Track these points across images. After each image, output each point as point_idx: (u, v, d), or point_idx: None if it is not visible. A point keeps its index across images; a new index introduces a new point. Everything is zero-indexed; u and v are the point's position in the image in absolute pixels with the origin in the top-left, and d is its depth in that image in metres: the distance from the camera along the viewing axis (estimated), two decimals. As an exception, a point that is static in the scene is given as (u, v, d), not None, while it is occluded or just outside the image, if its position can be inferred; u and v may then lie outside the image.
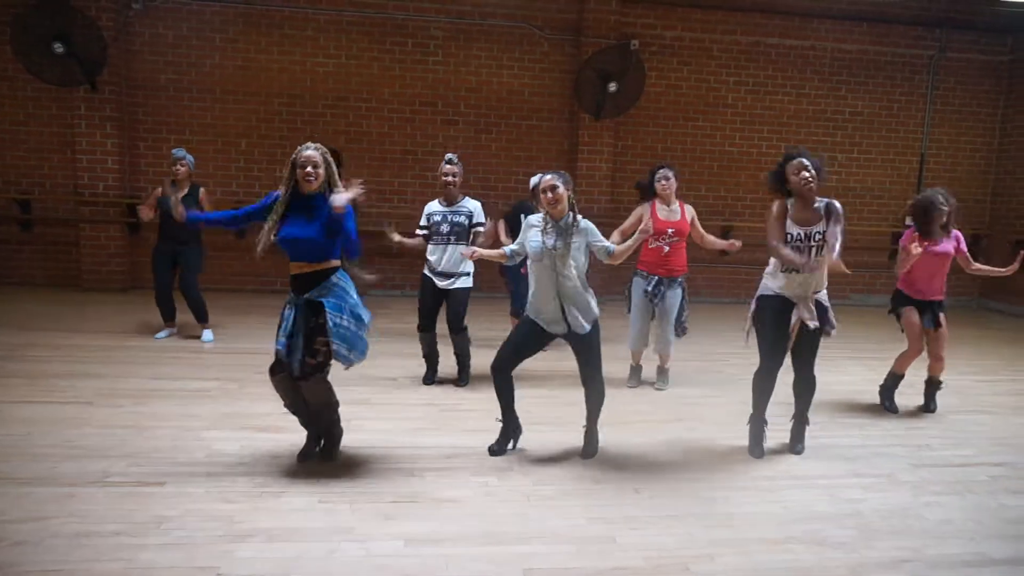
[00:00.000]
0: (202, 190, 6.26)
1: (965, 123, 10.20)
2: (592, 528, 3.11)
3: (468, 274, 5.13)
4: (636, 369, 5.45)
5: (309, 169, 3.35)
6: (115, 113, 8.48)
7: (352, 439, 4.01)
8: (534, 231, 3.74)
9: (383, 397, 4.89)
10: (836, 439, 4.42)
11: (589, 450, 3.94)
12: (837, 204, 3.87)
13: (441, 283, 5.10)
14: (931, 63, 9.90)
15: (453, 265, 5.06)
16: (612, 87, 8.73)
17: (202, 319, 6.35)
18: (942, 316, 4.96)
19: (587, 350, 3.78)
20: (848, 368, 6.25)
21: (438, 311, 5.18)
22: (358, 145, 9.14)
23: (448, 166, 5.10)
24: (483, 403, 3.99)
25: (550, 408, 4.82)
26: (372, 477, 3.54)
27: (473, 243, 5.03)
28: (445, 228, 5.08)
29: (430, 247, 5.13)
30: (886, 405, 5.14)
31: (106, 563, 2.65)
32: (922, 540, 3.14)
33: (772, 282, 3.95)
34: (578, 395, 5.12)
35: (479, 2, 8.97)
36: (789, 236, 3.84)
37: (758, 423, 4.10)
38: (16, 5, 7.95)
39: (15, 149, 8.56)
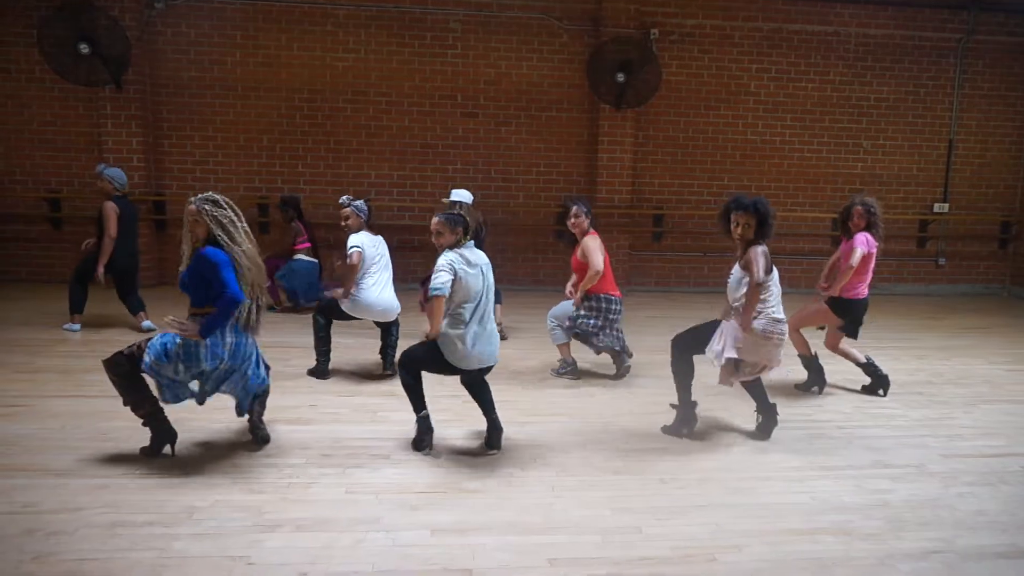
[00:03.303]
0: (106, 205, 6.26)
1: (995, 107, 9.97)
2: (617, 518, 3.11)
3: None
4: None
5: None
6: (140, 112, 8.60)
7: (378, 430, 4.06)
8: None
9: (407, 389, 4.91)
10: (864, 429, 4.37)
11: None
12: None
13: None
14: (959, 46, 9.69)
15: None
16: (620, 78, 8.65)
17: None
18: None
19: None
20: (876, 358, 6.15)
21: None
22: (378, 139, 9.18)
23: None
24: (504, 394, 4.00)
25: (573, 400, 4.82)
26: (398, 468, 3.56)
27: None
28: None
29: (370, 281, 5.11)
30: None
31: (140, 552, 2.70)
32: (953, 531, 3.10)
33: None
34: (599, 387, 5.14)
35: (497, -6, 8.96)
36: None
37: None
38: (42, 7, 8.10)
39: (44, 149, 8.72)
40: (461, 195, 6.13)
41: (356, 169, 9.19)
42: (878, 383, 5.11)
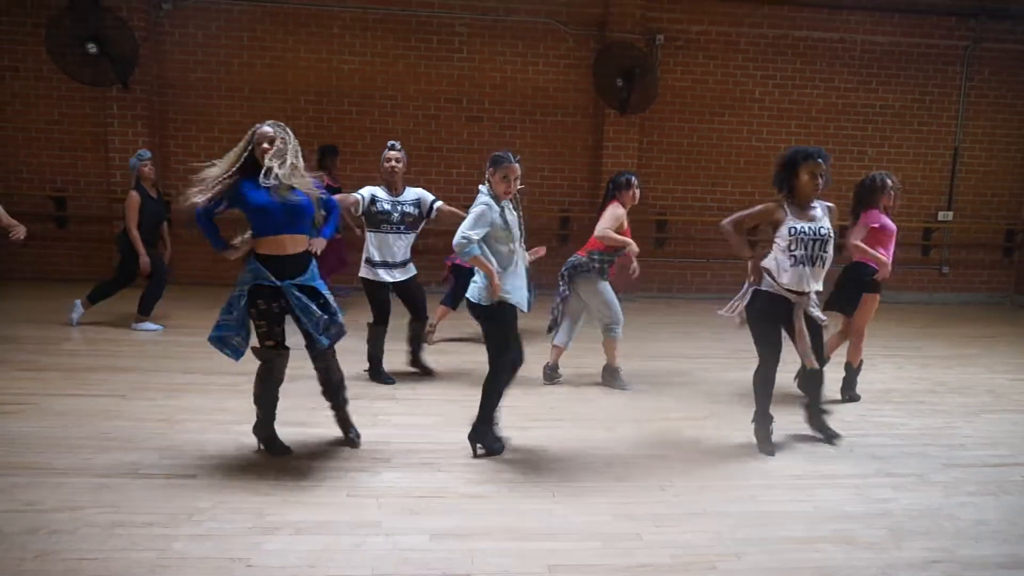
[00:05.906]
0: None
1: (1001, 115, 9.95)
2: (617, 525, 3.11)
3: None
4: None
5: (265, 145, 3.45)
6: (146, 112, 8.63)
7: (379, 434, 4.06)
8: (496, 213, 3.68)
9: (407, 392, 4.93)
10: (866, 438, 4.36)
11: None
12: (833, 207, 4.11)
13: (395, 275, 5.08)
14: (965, 54, 9.67)
15: (406, 255, 5.17)
16: (619, 83, 8.66)
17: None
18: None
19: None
20: (879, 366, 6.14)
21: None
22: (383, 142, 9.17)
23: (393, 152, 5.12)
24: (506, 399, 3.99)
25: (574, 405, 4.81)
26: (398, 472, 3.57)
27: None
28: (396, 218, 5.08)
29: (375, 236, 5.05)
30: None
31: (140, 552, 2.71)
32: (954, 541, 3.09)
33: (777, 278, 3.91)
34: (600, 393, 5.14)
35: (504, -2, 8.97)
36: (794, 230, 3.91)
37: (764, 420, 4.08)
38: (50, 7, 8.14)
39: (50, 148, 8.76)
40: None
41: (361, 172, 9.18)
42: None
